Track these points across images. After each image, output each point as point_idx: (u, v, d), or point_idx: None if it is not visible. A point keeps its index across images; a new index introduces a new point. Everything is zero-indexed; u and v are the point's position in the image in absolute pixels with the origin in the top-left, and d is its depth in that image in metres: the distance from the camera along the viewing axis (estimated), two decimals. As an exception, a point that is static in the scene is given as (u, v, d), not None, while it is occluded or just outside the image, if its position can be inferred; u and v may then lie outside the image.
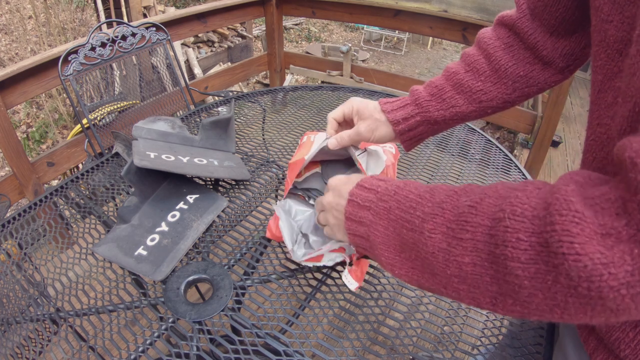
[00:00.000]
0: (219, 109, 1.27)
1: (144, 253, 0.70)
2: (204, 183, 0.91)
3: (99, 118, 1.64)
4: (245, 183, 0.91)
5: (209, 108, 1.27)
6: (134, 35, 1.49)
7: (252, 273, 0.69)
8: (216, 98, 2.32)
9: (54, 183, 2.56)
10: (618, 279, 0.25)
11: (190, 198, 0.82)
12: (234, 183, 0.91)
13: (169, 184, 0.84)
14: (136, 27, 1.50)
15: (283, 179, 0.93)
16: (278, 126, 1.18)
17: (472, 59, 0.59)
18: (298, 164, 0.73)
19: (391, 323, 0.61)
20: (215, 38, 4.69)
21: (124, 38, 1.46)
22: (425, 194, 0.41)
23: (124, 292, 0.67)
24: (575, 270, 0.26)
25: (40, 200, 0.87)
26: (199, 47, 4.58)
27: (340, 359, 0.55)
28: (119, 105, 1.84)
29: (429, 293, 0.66)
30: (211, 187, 0.90)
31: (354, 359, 0.55)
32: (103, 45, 1.40)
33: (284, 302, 0.63)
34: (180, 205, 0.80)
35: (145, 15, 3.91)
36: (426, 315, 0.63)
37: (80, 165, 1.91)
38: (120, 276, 0.69)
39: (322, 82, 3.29)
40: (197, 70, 4.30)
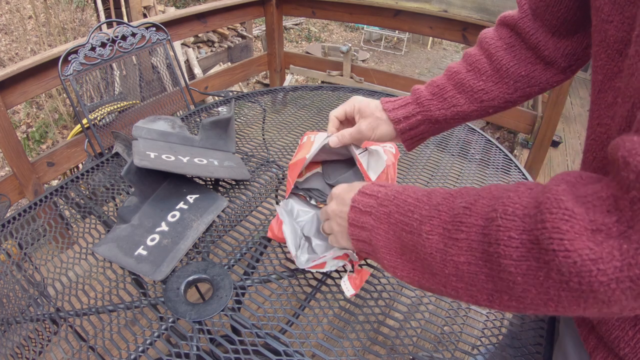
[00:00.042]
0: (219, 109, 1.27)
1: (144, 253, 0.70)
2: (204, 183, 0.91)
3: (99, 118, 1.64)
4: (245, 183, 0.91)
5: (209, 108, 1.27)
6: (134, 35, 1.49)
7: (252, 273, 0.69)
8: (216, 98, 2.32)
9: (54, 183, 2.56)
10: (607, 274, 0.25)
11: (190, 198, 0.82)
12: (234, 183, 0.91)
13: (169, 184, 0.84)
14: (136, 27, 1.50)
15: (283, 179, 0.93)
16: (278, 126, 1.18)
17: (474, 58, 0.59)
18: (299, 163, 0.73)
19: (391, 323, 0.61)
20: (215, 38, 4.70)
21: (124, 38, 1.46)
22: (422, 197, 0.42)
23: (124, 292, 0.67)
24: (566, 266, 0.27)
25: (40, 200, 0.87)
26: (199, 47, 4.58)
27: (340, 359, 0.55)
28: (119, 105, 1.84)
29: (429, 293, 0.66)
30: (211, 187, 0.90)
31: (354, 359, 0.55)
32: (103, 45, 1.40)
33: (284, 302, 0.63)
34: (180, 205, 0.80)
35: (145, 15, 3.91)
36: (426, 315, 0.63)
37: (80, 165, 1.92)
38: (120, 276, 0.69)
39: (322, 82, 3.29)
40: (197, 70, 4.31)
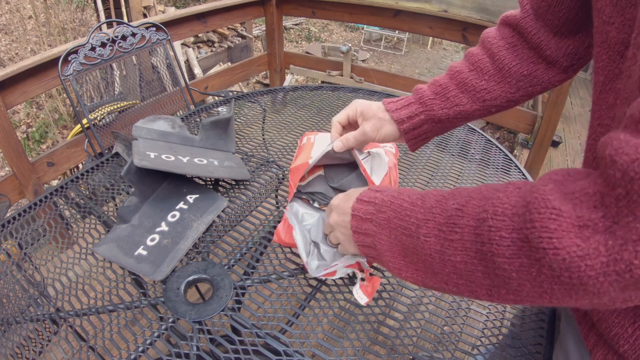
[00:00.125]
0: (219, 109, 1.27)
1: (144, 253, 0.70)
2: (204, 183, 0.91)
3: (99, 118, 1.64)
4: (245, 183, 0.91)
5: (209, 108, 1.27)
6: (134, 35, 1.49)
7: (252, 273, 0.69)
8: (216, 98, 2.32)
9: (54, 183, 2.56)
10: (595, 269, 0.27)
11: (190, 198, 0.82)
12: (234, 183, 0.91)
13: (169, 184, 0.84)
14: (136, 27, 1.50)
15: (283, 179, 0.93)
16: (278, 126, 1.18)
17: (476, 58, 0.59)
18: (301, 168, 0.73)
19: (391, 323, 0.61)
20: (215, 38, 4.69)
21: (124, 38, 1.46)
22: (417, 200, 0.43)
23: (124, 292, 0.67)
24: (556, 263, 0.28)
25: (40, 200, 0.87)
26: (199, 47, 4.58)
27: (340, 359, 0.55)
28: (119, 105, 1.84)
29: (429, 293, 0.66)
30: (211, 187, 0.90)
31: (354, 359, 0.55)
32: (103, 45, 1.40)
33: (284, 302, 0.63)
34: (180, 205, 0.80)
35: (145, 15, 3.91)
36: (426, 315, 0.63)
37: (80, 165, 1.92)
38: (120, 276, 0.69)
39: (322, 82, 3.29)
40: (197, 70, 4.31)
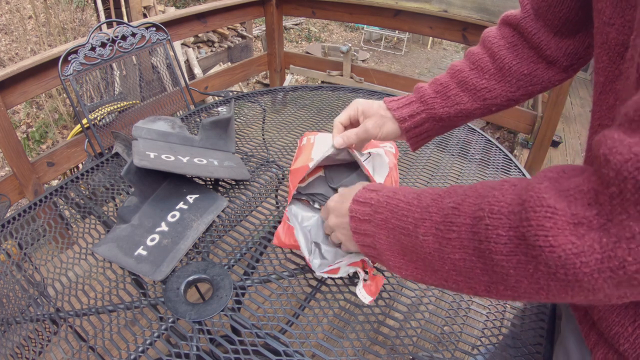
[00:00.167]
0: (219, 109, 1.27)
1: (144, 253, 0.70)
2: (204, 183, 0.91)
3: (99, 118, 1.64)
4: (245, 183, 0.91)
5: (209, 108, 1.27)
6: (134, 35, 1.49)
7: (252, 273, 0.69)
8: (216, 98, 2.32)
9: (54, 183, 2.56)
10: (590, 266, 0.27)
11: (190, 198, 0.82)
12: (234, 183, 0.91)
13: (169, 184, 0.84)
14: (136, 27, 1.50)
15: (283, 179, 0.93)
16: (278, 126, 1.18)
17: (477, 57, 0.60)
18: (301, 171, 0.73)
19: (391, 323, 0.61)
20: (215, 38, 4.69)
21: (124, 38, 1.46)
22: (413, 200, 0.43)
23: (124, 292, 0.66)
24: (552, 260, 0.29)
25: (40, 200, 0.87)
26: (199, 47, 4.58)
27: (340, 359, 0.55)
28: (119, 105, 1.84)
29: (429, 293, 0.66)
30: (211, 187, 0.90)
31: (354, 359, 0.55)
32: (103, 45, 1.40)
33: (284, 302, 0.63)
34: (180, 205, 0.80)
35: (145, 15, 3.91)
36: (426, 315, 0.63)
37: (80, 165, 1.92)
38: (120, 276, 0.69)
39: (322, 82, 3.29)
40: (197, 70, 4.31)
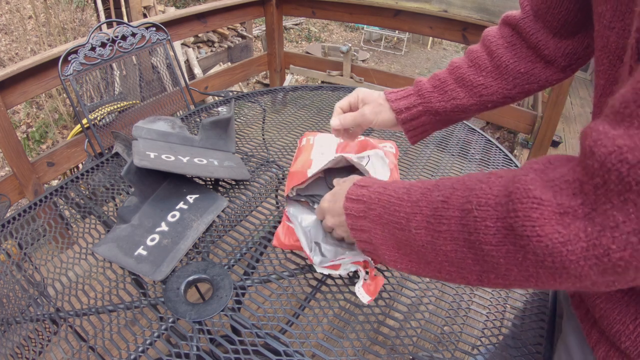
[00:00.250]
0: (219, 109, 1.27)
1: (144, 253, 0.70)
2: (204, 183, 0.91)
3: (99, 118, 1.64)
4: (245, 183, 0.91)
5: (209, 108, 1.27)
6: (134, 35, 1.49)
7: (252, 273, 0.69)
8: (216, 98, 2.32)
9: (54, 183, 2.56)
10: (575, 254, 0.28)
11: (190, 198, 0.82)
12: (234, 183, 0.91)
13: (169, 184, 0.84)
14: (136, 27, 1.50)
15: (283, 179, 0.93)
16: (278, 126, 1.18)
17: (476, 55, 0.61)
18: (298, 176, 0.73)
19: (391, 323, 0.61)
20: (215, 38, 4.69)
21: (124, 38, 1.46)
22: (403, 195, 0.44)
23: (124, 292, 0.66)
24: (540, 249, 0.30)
25: (40, 200, 0.87)
26: (199, 47, 4.58)
27: (340, 359, 0.55)
28: (119, 105, 1.84)
29: (429, 293, 0.66)
30: (211, 187, 0.90)
31: (354, 359, 0.55)
32: (103, 45, 1.40)
33: (284, 302, 0.63)
34: (180, 205, 0.80)
35: (145, 15, 3.91)
36: (426, 315, 0.63)
37: (80, 165, 1.92)
38: (120, 276, 0.69)
39: (322, 82, 3.29)
40: (197, 70, 4.31)
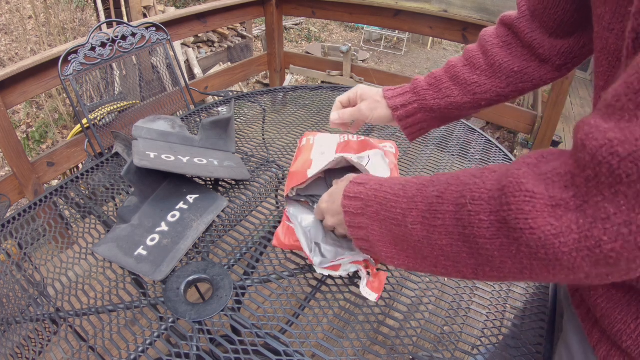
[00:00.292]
0: (219, 109, 1.27)
1: (144, 253, 0.70)
2: (204, 183, 0.91)
3: (99, 118, 1.64)
4: (245, 183, 0.91)
5: (209, 108, 1.27)
6: (134, 35, 1.49)
7: (252, 273, 0.69)
8: (216, 98, 2.32)
9: (54, 183, 2.56)
10: (568, 245, 0.29)
11: (190, 198, 0.82)
12: (234, 183, 0.91)
13: (169, 184, 0.84)
14: (136, 27, 1.50)
15: (283, 179, 0.93)
16: (278, 126, 1.18)
17: (471, 54, 0.63)
18: (298, 177, 0.73)
19: (391, 323, 0.61)
20: (215, 38, 4.69)
21: (124, 38, 1.46)
22: (399, 191, 0.45)
23: (124, 292, 0.67)
24: (533, 241, 0.31)
25: (40, 200, 0.87)
26: (199, 47, 4.58)
27: (340, 359, 0.55)
28: (119, 105, 1.84)
29: (429, 293, 0.66)
30: (211, 187, 0.90)
31: (354, 359, 0.55)
32: (103, 45, 1.40)
33: (284, 302, 0.63)
34: (180, 205, 0.80)
35: (145, 15, 3.91)
36: (426, 315, 0.63)
37: (80, 165, 1.92)
38: (120, 276, 0.69)
39: (322, 82, 3.29)
40: (197, 70, 4.31)
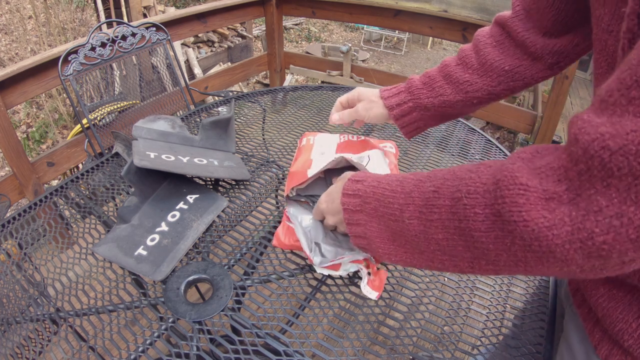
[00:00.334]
0: (219, 109, 1.27)
1: (144, 253, 0.70)
2: (204, 183, 0.91)
3: (99, 118, 1.64)
4: (245, 183, 0.91)
5: (209, 108, 1.27)
6: (134, 35, 1.49)
7: (252, 273, 0.69)
8: (216, 98, 2.32)
9: (54, 183, 2.56)
10: (561, 237, 0.30)
11: (190, 198, 0.82)
12: (234, 183, 0.91)
13: (169, 184, 0.84)
14: (136, 27, 1.50)
15: (283, 179, 0.93)
16: (278, 126, 1.18)
17: (464, 53, 0.65)
18: (298, 177, 0.73)
19: (391, 323, 0.61)
20: (215, 38, 4.70)
21: (124, 38, 1.46)
22: (397, 187, 0.46)
23: (124, 292, 0.67)
24: (526, 233, 0.31)
25: (40, 200, 0.87)
26: (199, 47, 4.58)
27: (340, 359, 0.55)
28: (119, 105, 1.84)
29: (429, 293, 0.66)
30: (211, 187, 0.90)
31: (354, 359, 0.55)
32: (103, 45, 1.40)
33: (284, 302, 0.63)
34: (180, 205, 0.80)
35: (145, 15, 3.91)
36: (426, 315, 0.63)
37: (80, 165, 1.92)
38: (120, 276, 0.69)
39: (322, 82, 3.29)
40: (197, 70, 4.31)
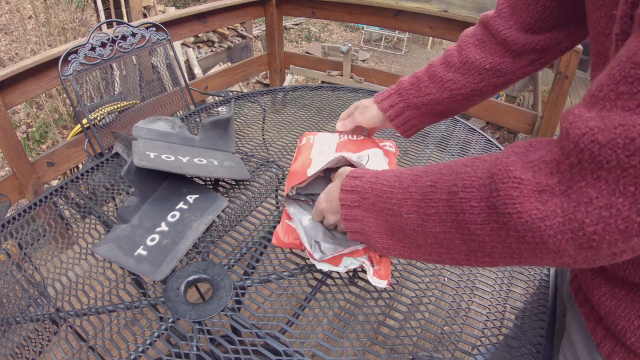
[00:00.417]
0: (219, 109, 1.27)
1: (144, 253, 0.70)
2: (204, 183, 0.91)
3: (99, 118, 1.64)
4: (245, 183, 0.91)
5: (209, 108, 1.27)
6: (134, 35, 1.49)
7: (252, 273, 0.69)
8: (216, 98, 2.32)
9: (54, 183, 2.56)
10: (553, 228, 0.31)
11: (190, 198, 0.82)
12: (234, 183, 0.91)
13: (169, 184, 0.84)
14: (136, 27, 1.50)
15: (283, 179, 0.93)
16: (278, 126, 1.18)
17: (448, 53, 0.67)
18: (299, 175, 0.73)
19: (391, 323, 0.61)
20: (215, 38, 4.70)
21: (124, 38, 1.46)
22: (395, 182, 0.47)
23: (124, 292, 0.67)
24: (520, 225, 0.32)
25: (40, 200, 0.87)
26: (199, 47, 4.58)
27: (340, 359, 0.55)
28: (119, 105, 1.84)
29: (429, 293, 0.66)
30: (211, 187, 0.90)
31: (354, 359, 0.55)
32: (103, 45, 1.40)
33: (284, 302, 0.63)
34: (180, 205, 0.80)
35: (145, 15, 3.91)
36: (426, 315, 0.63)
37: (80, 165, 1.92)
38: (120, 276, 0.69)
39: (322, 82, 3.29)
40: (197, 70, 4.31)
